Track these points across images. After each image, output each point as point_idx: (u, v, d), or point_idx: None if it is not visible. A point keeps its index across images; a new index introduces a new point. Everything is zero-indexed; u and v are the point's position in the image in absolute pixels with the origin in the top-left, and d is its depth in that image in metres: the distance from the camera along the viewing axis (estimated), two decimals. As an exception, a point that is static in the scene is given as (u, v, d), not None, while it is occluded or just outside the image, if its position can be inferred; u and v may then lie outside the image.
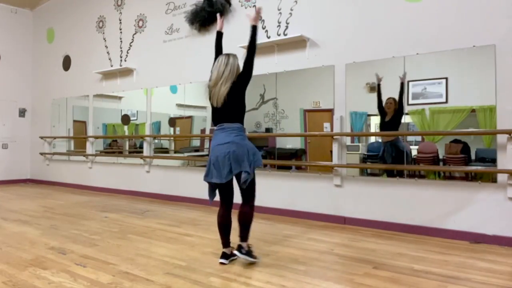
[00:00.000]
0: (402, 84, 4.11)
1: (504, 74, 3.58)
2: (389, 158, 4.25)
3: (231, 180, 2.94)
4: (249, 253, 2.96)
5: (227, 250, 3.04)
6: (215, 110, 3.03)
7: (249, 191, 2.97)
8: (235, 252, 2.96)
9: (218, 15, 3.40)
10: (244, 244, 2.96)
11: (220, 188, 3.01)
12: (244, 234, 2.97)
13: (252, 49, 3.02)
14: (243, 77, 2.98)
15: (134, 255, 3.19)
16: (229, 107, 2.95)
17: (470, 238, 3.65)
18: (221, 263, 2.98)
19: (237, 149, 2.86)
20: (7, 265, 2.95)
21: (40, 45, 8.89)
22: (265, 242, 3.58)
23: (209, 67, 5.83)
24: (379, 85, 4.27)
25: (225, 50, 5.70)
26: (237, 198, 3.04)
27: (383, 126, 4.33)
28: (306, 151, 4.98)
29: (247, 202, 2.99)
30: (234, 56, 3.05)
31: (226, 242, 3.05)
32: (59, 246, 3.46)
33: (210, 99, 3.05)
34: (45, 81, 8.73)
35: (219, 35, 3.30)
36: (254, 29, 3.05)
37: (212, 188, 3.03)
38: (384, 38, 4.24)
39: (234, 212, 3.00)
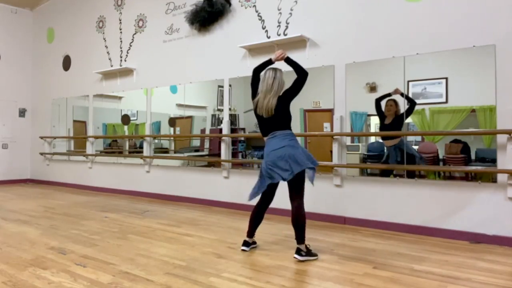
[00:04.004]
0: (402, 95, 4.11)
1: (504, 74, 3.58)
2: (394, 163, 4.19)
3: (276, 185, 3.20)
4: (308, 253, 3.08)
5: (249, 240, 3.33)
6: (264, 120, 3.20)
7: (297, 189, 3.10)
8: (296, 256, 3.05)
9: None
10: (302, 247, 3.07)
11: (268, 189, 3.18)
12: (299, 236, 3.07)
13: (300, 73, 3.17)
14: (291, 93, 3.17)
15: (134, 255, 3.19)
16: (278, 118, 3.15)
17: (470, 238, 3.65)
18: (243, 250, 3.28)
19: (293, 151, 3.04)
20: (7, 265, 2.94)
21: (40, 45, 8.89)
22: (265, 242, 3.58)
23: (209, 67, 5.88)
24: (389, 94, 4.22)
25: (225, 50, 5.74)
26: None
27: (384, 129, 4.30)
28: (306, 151, 4.98)
29: (296, 200, 3.09)
30: (280, 70, 3.21)
31: (251, 232, 3.34)
32: (59, 246, 3.46)
33: (256, 110, 3.22)
34: (45, 81, 8.73)
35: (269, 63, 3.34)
36: (287, 61, 3.24)
37: (258, 190, 3.19)
38: (384, 38, 4.25)
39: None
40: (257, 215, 3.31)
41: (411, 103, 4.06)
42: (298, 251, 3.06)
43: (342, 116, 4.48)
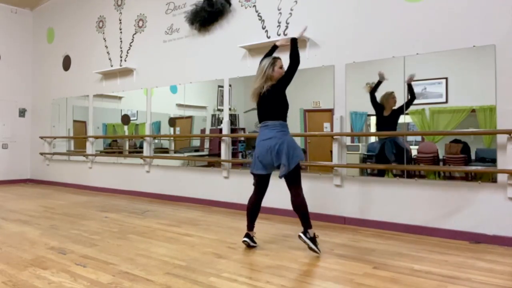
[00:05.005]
0: (409, 86, 4.07)
1: (504, 74, 3.58)
2: (390, 156, 4.22)
3: (269, 175, 3.31)
4: (313, 239, 3.15)
5: (250, 233, 3.38)
6: (258, 108, 3.32)
7: (291, 180, 3.18)
8: (301, 234, 3.14)
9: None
10: (310, 231, 3.16)
11: (259, 179, 3.32)
12: (304, 223, 3.16)
13: (293, 58, 3.23)
14: (282, 80, 3.24)
15: (134, 255, 3.19)
16: (270, 106, 3.23)
17: (470, 238, 3.65)
18: (244, 241, 3.34)
19: (278, 143, 3.13)
20: (7, 265, 2.95)
21: (40, 45, 8.89)
22: (265, 242, 3.58)
23: (209, 67, 5.90)
24: (380, 82, 4.26)
25: (225, 49, 5.74)
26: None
27: (381, 120, 4.30)
28: (306, 151, 4.98)
29: (292, 190, 3.19)
30: (268, 58, 3.30)
31: (250, 225, 3.39)
32: (59, 246, 3.46)
33: (253, 99, 3.35)
34: (45, 81, 8.73)
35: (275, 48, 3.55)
36: (294, 41, 3.31)
37: (255, 177, 3.35)
38: (384, 38, 4.24)
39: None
40: (253, 207, 3.37)
41: (412, 96, 4.06)
42: (305, 232, 3.14)
43: (342, 116, 4.48)
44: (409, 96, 4.08)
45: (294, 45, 3.29)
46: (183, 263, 2.98)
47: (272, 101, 3.22)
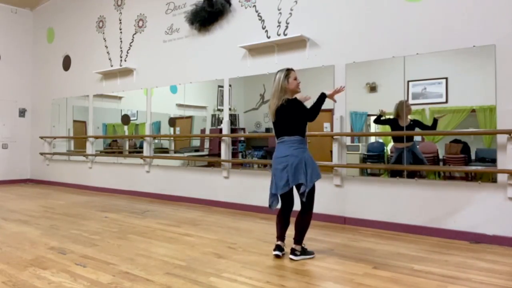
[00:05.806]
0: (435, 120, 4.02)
1: (504, 74, 3.58)
2: (408, 165, 4.09)
3: (291, 190, 3.13)
4: (304, 252, 3.10)
5: (281, 244, 3.16)
6: (273, 124, 3.20)
7: (307, 201, 3.06)
8: (291, 256, 3.05)
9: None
10: (297, 247, 3.08)
11: (281, 196, 3.17)
12: (298, 238, 3.09)
13: (313, 107, 3.12)
14: (300, 114, 3.08)
15: (134, 255, 3.19)
16: (286, 120, 3.09)
17: (470, 238, 3.65)
18: (275, 255, 3.11)
19: (295, 162, 2.99)
20: (7, 265, 2.95)
21: (40, 45, 8.89)
22: (265, 242, 3.58)
23: (209, 67, 5.89)
24: (381, 116, 4.30)
25: (225, 49, 5.74)
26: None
27: (398, 130, 4.16)
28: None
29: (303, 207, 3.11)
30: (281, 71, 3.16)
31: (281, 236, 3.18)
32: (59, 246, 3.46)
33: (272, 117, 3.21)
34: (45, 81, 8.73)
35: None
36: (322, 96, 3.17)
37: (271, 198, 3.18)
38: (384, 38, 4.24)
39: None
40: (281, 218, 3.19)
41: (433, 126, 3.97)
42: (293, 251, 3.06)
43: (342, 116, 4.48)
44: (431, 124, 3.99)
45: (320, 98, 3.16)
46: (183, 263, 2.98)
47: (288, 115, 3.06)
